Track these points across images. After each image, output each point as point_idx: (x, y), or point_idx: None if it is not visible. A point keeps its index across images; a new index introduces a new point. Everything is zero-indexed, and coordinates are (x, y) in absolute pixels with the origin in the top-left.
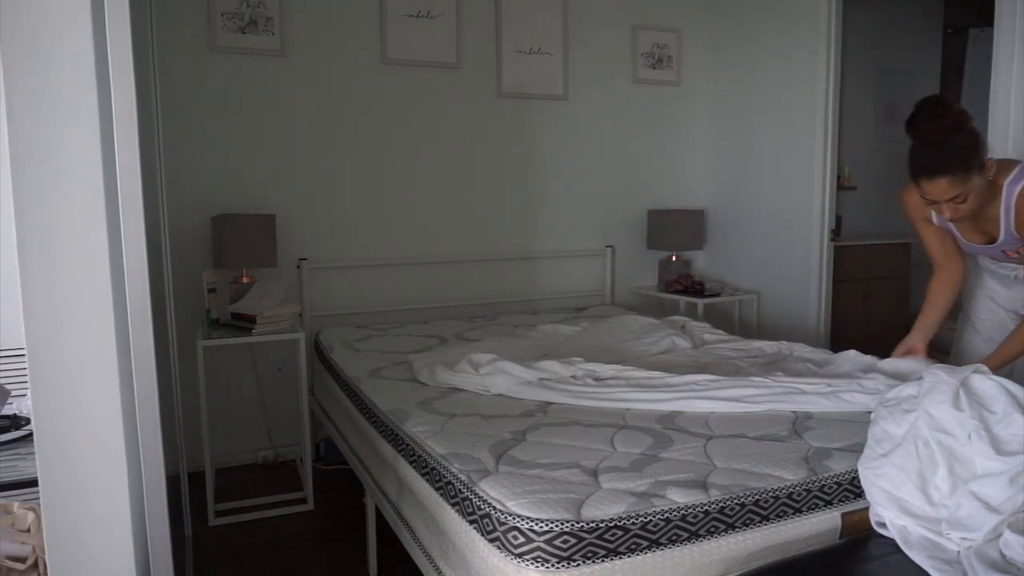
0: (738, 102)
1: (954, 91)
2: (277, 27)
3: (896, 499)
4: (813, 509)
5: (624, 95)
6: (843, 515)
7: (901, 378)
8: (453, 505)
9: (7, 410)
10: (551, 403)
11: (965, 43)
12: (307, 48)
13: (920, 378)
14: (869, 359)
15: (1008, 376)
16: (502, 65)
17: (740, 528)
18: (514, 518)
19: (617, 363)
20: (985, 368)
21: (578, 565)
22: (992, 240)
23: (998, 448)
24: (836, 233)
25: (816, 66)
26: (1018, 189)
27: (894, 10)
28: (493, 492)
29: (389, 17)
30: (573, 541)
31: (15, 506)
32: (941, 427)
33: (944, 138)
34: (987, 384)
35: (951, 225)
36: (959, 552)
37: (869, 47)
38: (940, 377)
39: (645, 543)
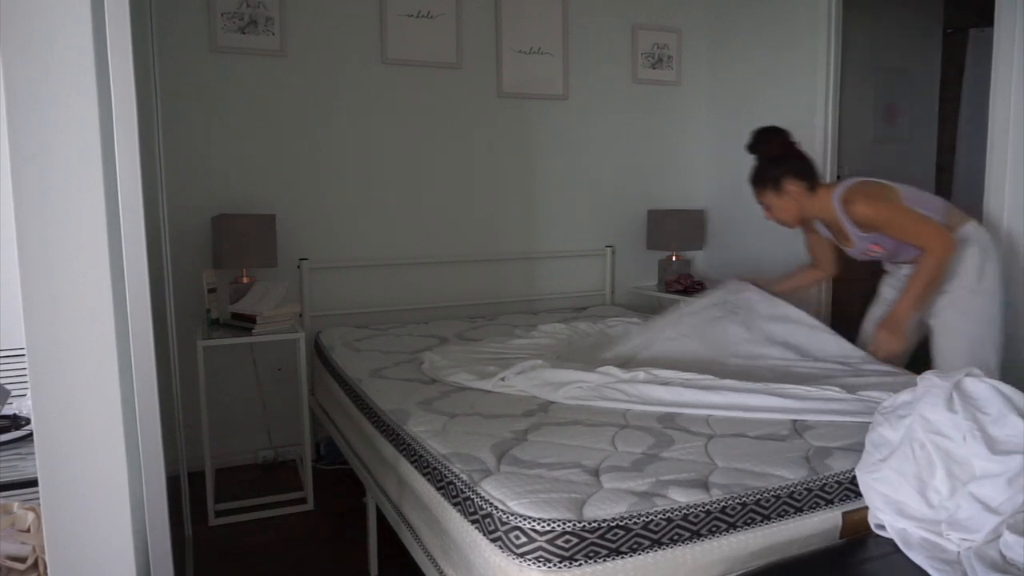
0: (738, 102)
1: (954, 91)
2: (277, 27)
3: (895, 502)
4: (814, 508)
5: (624, 95)
6: (844, 514)
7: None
8: (455, 505)
9: (7, 410)
10: (576, 404)
11: (965, 43)
12: (307, 48)
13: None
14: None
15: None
16: (502, 65)
17: (741, 527)
18: (516, 518)
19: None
20: (978, 371)
21: (580, 565)
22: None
23: (993, 448)
24: None
25: (816, 66)
26: (838, 199)
27: (894, 10)
28: (495, 492)
29: (389, 17)
30: (575, 541)
31: (15, 506)
32: (937, 429)
33: (757, 161)
34: (980, 386)
35: (829, 235)
36: (959, 553)
37: (869, 47)
38: (933, 381)
39: (647, 543)
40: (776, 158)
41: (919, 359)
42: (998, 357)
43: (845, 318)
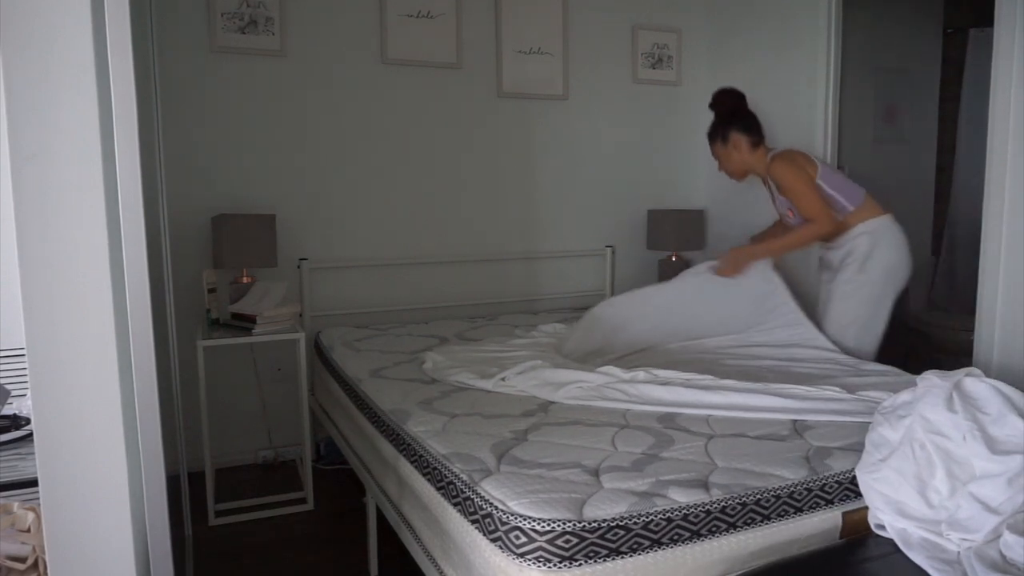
0: None
1: (954, 91)
2: (277, 27)
3: (894, 502)
4: (814, 508)
5: (624, 95)
6: (844, 514)
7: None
8: (455, 505)
9: (7, 410)
10: (575, 404)
11: (965, 43)
12: (307, 48)
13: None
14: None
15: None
16: (502, 65)
17: (741, 527)
18: (516, 518)
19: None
20: (978, 371)
21: (580, 565)
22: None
23: (993, 448)
24: None
25: (816, 66)
26: (769, 162)
27: (894, 10)
28: (495, 492)
29: (389, 17)
30: (575, 541)
31: (15, 506)
32: (937, 429)
33: (714, 117)
34: (980, 386)
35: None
36: (959, 553)
37: (869, 47)
38: (933, 381)
39: (647, 543)
40: (727, 114)
41: (912, 357)
42: (881, 330)
43: None
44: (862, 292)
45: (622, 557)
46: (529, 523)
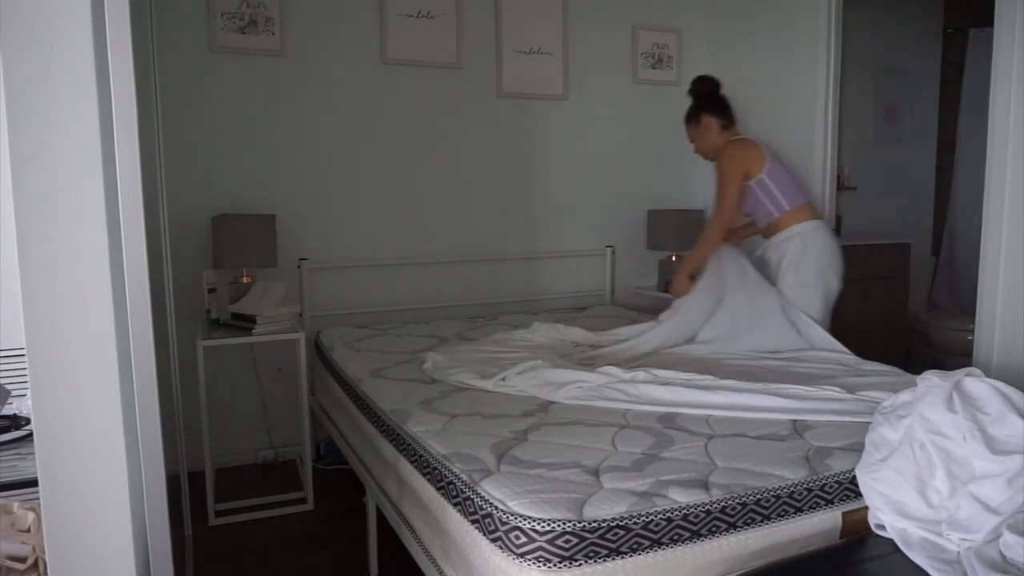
0: (738, 102)
1: (954, 91)
2: (277, 27)
3: (894, 502)
4: (814, 508)
5: (624, 95)
6: (844, 514)
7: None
8: (455, 505)
9: (7, 410)
10: (574, 404)
11: (965, 43)
12: (307, 48)
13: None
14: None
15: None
16: (502, 65)
17: (741, 527)
18: (516, 518)
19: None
20: (978, 371)
21: (580, 565)
22: None
23: (993, 448)
24: (836, 233)
25: (816, 66)
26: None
27: (894, 10)
28: (495, 492)
29: (389, 17)
30: (575, 541)
31: (15, 506)
32: (937, 429)
33: (693, 101)
34: (980, 386)
35: None
36: (959, 553)
37: (869, 47)
38: (933, 381)
39: (647, 543)
40: (700, 98)
41: (912, 357)
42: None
43: (844, 317)
44: (802, 293)
45: (622, 557)
46: (529, 523)
